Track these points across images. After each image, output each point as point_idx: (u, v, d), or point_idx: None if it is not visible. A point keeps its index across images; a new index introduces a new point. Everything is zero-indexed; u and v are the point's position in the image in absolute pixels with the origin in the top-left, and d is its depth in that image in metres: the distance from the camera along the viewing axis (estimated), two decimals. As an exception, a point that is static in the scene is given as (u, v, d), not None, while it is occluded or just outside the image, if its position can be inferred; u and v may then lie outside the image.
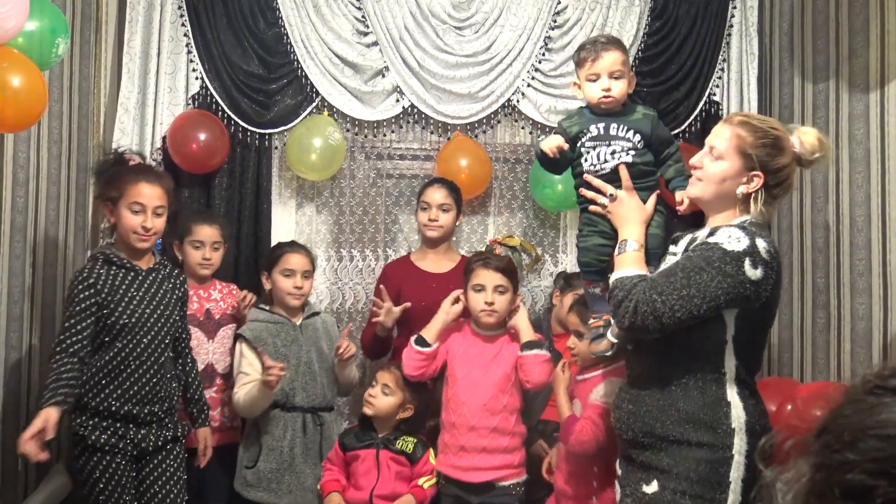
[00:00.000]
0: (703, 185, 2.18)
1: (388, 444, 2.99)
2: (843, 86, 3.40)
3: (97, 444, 2.70)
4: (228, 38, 3.81)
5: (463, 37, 3.94)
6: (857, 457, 0.49)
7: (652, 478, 2.12)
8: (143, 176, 2.84)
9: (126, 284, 2.77)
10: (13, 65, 2.65)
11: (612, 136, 2.39)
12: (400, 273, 3.48)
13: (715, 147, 2.15)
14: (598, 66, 2.38)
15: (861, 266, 3.24)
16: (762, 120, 2.17)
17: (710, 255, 2.03)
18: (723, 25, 4.00)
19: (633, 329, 2.09)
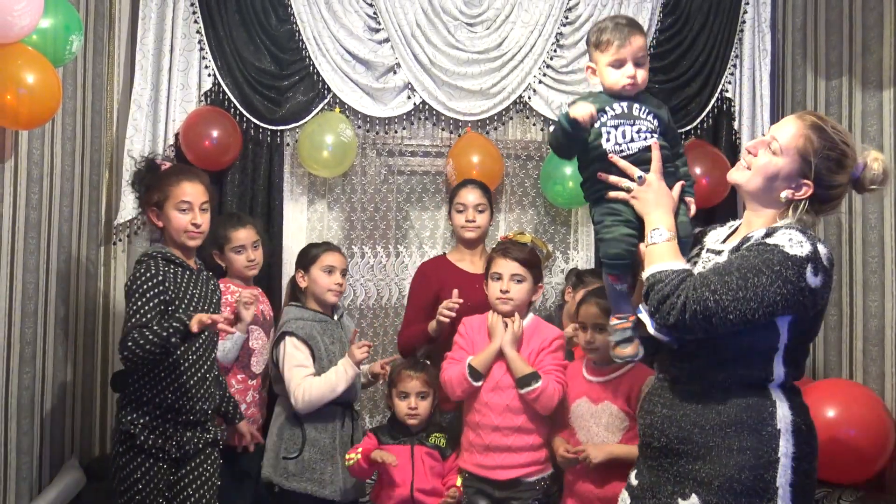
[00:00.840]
0: (751, 174, 2.04)
1: (422, 441, 3.01)
2: (856, 82, 3.39)
3: (144, 445, 2.70)
4: (241, 35, 3.82)
5: (474, 33, 3.94)
6: None
7: (689, 491, 1.97)
8: (183, 175, 2.86)
9: (185, 282, 2.78)
10: (28, 62, 2.67)
11: (637, 116, 2.22)
12: (440, 273, 3.44)
13: (777, 140, 2.00)
14: (625, 51, 2.20)
15: (874, 263, 3.23)
16: (837, 130, 1.99)
17: (771, 258, 1.89)
18: (735, 21, 3.99)
19: (678, 328, 1.94)
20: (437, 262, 3.53)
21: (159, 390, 2.71)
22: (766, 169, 2.01)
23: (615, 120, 2.21)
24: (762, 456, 1.91)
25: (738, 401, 1.96)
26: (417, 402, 3.00)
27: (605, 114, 2.21)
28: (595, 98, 2.25)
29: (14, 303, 3.00)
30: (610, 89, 2.25)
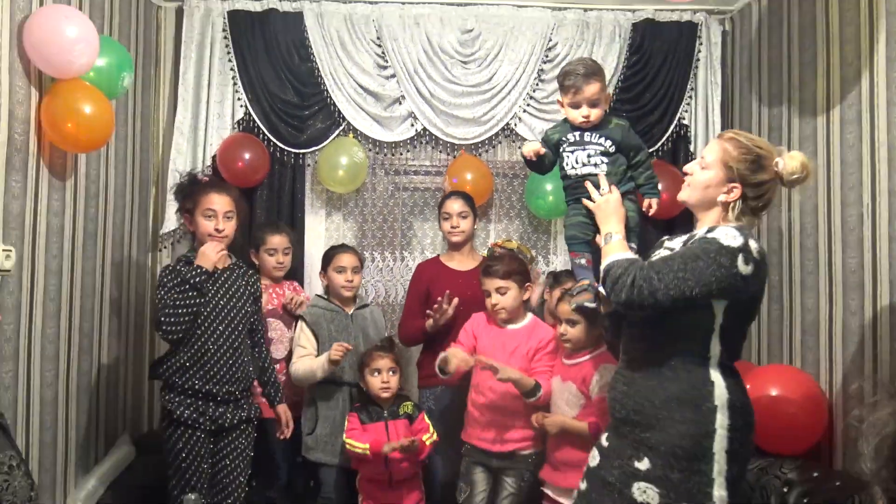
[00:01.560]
0: (689, 190, 2.15)
1: (394, 415, 3.01)
2: (794, 111, 3.39)
3: (181, 418, 2.72)
4: (268, 71, 3.83)
5: (468, 69, 3.94)
6: None
7: (643, 455, 2.02)
8: (212, 187, 2.89)
9: (202, 283, 2.78)
10: (85, 95, 2.68)
11: (587, 142, 2.42)
12: (431, 272, 3.47)
13: (704, 157, 2.12)
14: (580, 97, 2.39)
15: (810, 265, 3.23)
16: (750, 139, 2.09)
17: (708, 247, 1.96)
18: (691, 59, 3.99)
19: (629, 303, 2.01)
20: (430, 263, 3.55)
21: (188, 377, 2.73)
22: (699, 182, 2.12)
23: (571, 147, 2.45)
24: (701, 427, 1.96)
25: (682, 380, 2.01)
26: (389, 377, 3.00)
27: (566, 141, 2.47)
28: (561, 127, 2.51)
29: (74, 301, 3.00)
30: (571, 123, 2.46)
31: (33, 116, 2.62)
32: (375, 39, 3.88)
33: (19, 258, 2.56)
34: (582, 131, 2.43)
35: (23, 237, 2.59)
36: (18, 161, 2.54)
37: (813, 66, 3.24)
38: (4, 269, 2.45)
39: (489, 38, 3.94)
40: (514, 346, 2.92)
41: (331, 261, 3.29)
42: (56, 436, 2.88)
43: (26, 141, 2.58)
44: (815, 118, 3.22)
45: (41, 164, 2.70)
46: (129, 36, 3.50)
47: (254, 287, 2.97)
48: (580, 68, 2.40)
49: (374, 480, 2.97)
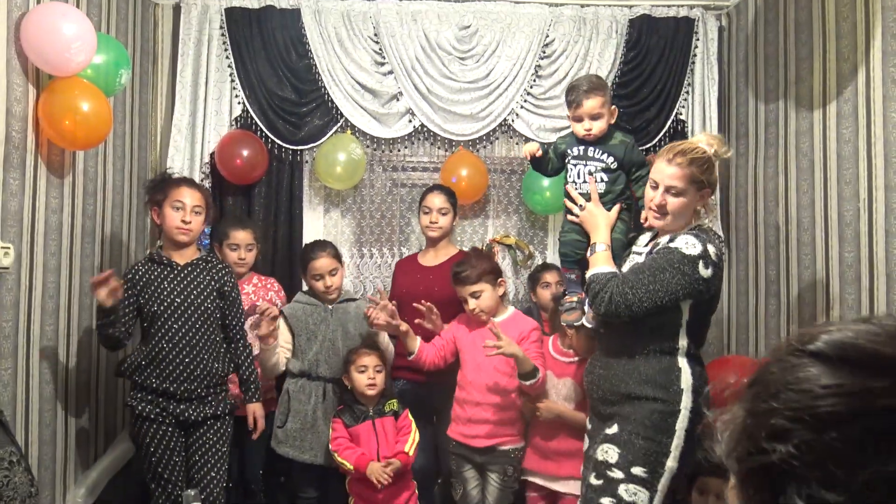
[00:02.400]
0: (672, 219, 2.27)
1: (380, 413, 3.01)
2: (791, 106, 3.40)
3: (143, 413, 2.73)
4: (266, 68, 3.82)
5: (465, 66, 3.94)
6: (779, 405, 0.51)
7: (614, 422, 2.27)
8: (183, 182, 2.91)
9: (161, 278, 2.79)
10: (83, 92, 2.68)
11: (590, 157, 2.55)
12: (404, 267, 3.51)
13: (672, 186, 2.23)
14: (581, 111, 2.53)
15: (807, 260, 3.24)
16: (693, 147, 2.25)
17: (672, 258, 2.18)
18: (687, 55, 3.99)
19: (608, 315, 2.25)
20: (407, 259, 3.58)
21: (145, 376, 2.74)
22: (681, 209, 2.26)
23: (575, 160, 2.58)
24: (669, 405, 2.20)
25: (654, 365, 2.24)
26: (375, 375, 3.00)
27: (570, 154, 2.60)
28: (570, 138, 2.62)
29: (72, 298, 3.00)
30: (576, 135, 2.59)
31: (31, 114, 2.62)
32: (373, 36, 3.88)
33: (18, 255, 2.56)
34: (586, 145, 2.55)
35: (21, 234, 2.59)
36: (16, 158, 2.53)
37: (809, 61, 3.25)
38: (3, 266, 2.45)
39: (486, 35, 3.94)
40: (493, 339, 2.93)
41: (306, 267, 3.24)
42: (55, 432, 2.88)
43: (24, 138, 2.58)
44: (811, 113, 3.23)
45: (39, 162, 2.69)
46: (127, 33, 3.49)
47: (221, 282, 2.88)
48: (583, 84, 2.55)
49: (364, 481, 2.95)
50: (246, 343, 2.98)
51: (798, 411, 0.49)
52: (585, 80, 2.59)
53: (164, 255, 2.83)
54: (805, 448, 0.47)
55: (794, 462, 0.47)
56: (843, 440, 0.45)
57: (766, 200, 3.58)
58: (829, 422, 0.47)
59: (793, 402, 0.50)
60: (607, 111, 2.54)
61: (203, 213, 2.86)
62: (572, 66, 3.96)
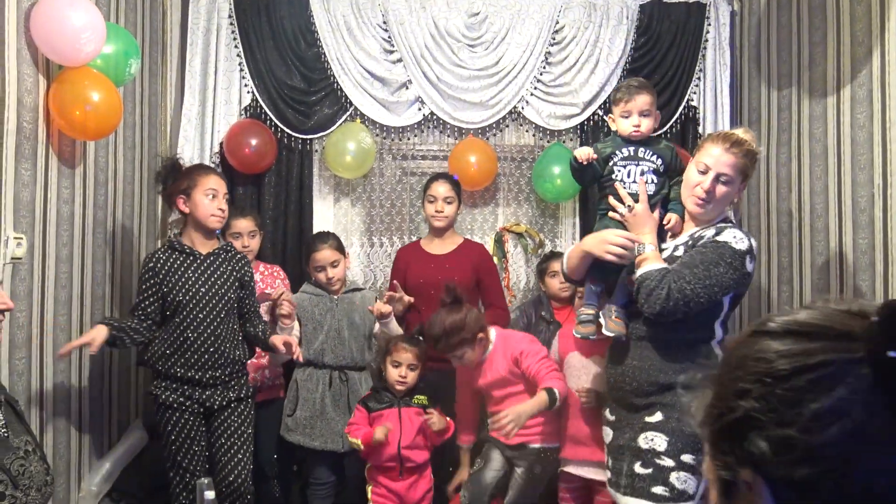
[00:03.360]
0: (713, 207, 2.26)
1: (407, 403, 2.99)
2: (804, 91, 3.37)
3: (167, 402, 2.75)
4: (274, 57, 3.82)
5: (475, 53, 3.93)
6: (741, 373, 0.66)
7: (655, 410, 2.23)
8: (210, 169, 2.96)
9: (184, 267, 2.80)
10: (93, 82, 2.68)
11: (641, 158, 2.48)
12: (409, 256, 3.50)
13: (724, 174, 2.21)
14: (631, 105, 2.48)
15: (820, 246, 3.22)
16: (746, 140, 2.22)
17: (723, 252, 2.14)
18: (699, 40, 3.96)
19: (664, 313, 2.15)
20: (410, 247, 3.58)
21: (170, 365, 2.76)
22: (725, 197, 2.25)
23: (624, 161, 2.49)
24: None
25: (692, 354, 2.22)
26: (407, 373, 2.98)
27: (617, 155, 2.50)
28: (612, 141, 2.54)
29: (85, 288, 3.01)
30: (621, 134, 2.52)
31: (42, 104, 2.62)
32: (382, 24, 3.87)
33: (30, 246, 2.57)
34: (636, 146, 2.49)
35: (33, 225, 2.60)
36: (28, 149, 2.54)
37: (823, 45, 3.21)
38: (16, 256, 2.46)
39: (496, 21, 3.92)
40: (490, 374, 2.89)
41: (308, 260, 3.31)
42: (69, 421, 2.90)
43: (35, 129, 2.59)
44: (824, 98, 3.20)
45: (50, 152, 2.70)
46: (136, 22, 3.49)
47: (241, 271, 2.92)
48: (633, 81, 2.56)
49: (383, 468, 2.95)
50: (261, 317, 3.02)
51: (757, 374, 0.64)
52: (634, 80, 2.60)
53: (185, 244, 2.84)
54: (763, 400, 0.62)
55: (754, 413, 0.62)
56: (792, 389, 0.61)
57: (779, 187, 3.55)
58: (780, 378, 0.62)
59: (752, 368, 0.65)
60: (654, 113, 2.53)
61: (228, 202, 2.93)
62: (582, 53, 3.93)
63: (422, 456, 2.96)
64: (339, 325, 3.24)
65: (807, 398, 0.59)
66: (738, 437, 0.63)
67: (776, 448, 0.60)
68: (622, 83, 2.64)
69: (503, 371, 2.86)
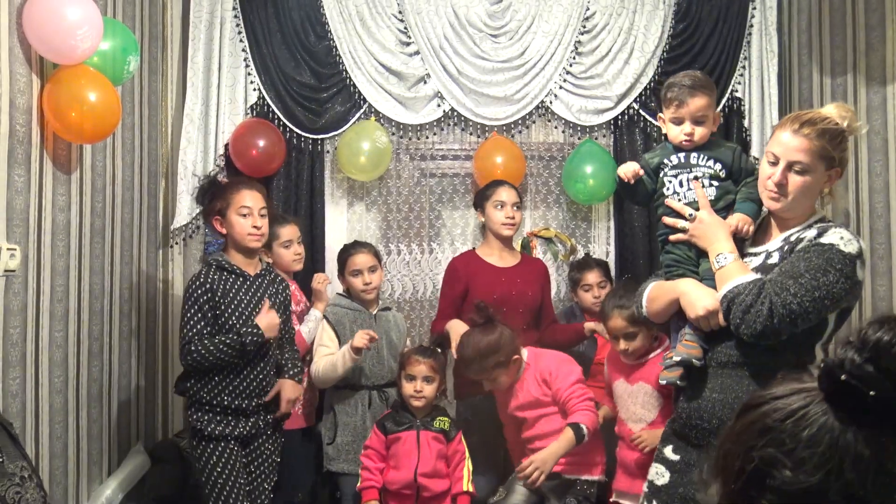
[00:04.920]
0: (792, 201, 2.02)
1: (427, 426, 2.98)
2: (860, 79, 3.33)
3: (212, 434, 2.76)
4: (282, 51, 3.84)
5: (498, 44, 3.92)
6: (747, 435, 0.92)
7: None
8: (243, 185, 2.94)
9: (236, 288, 2.83)
10: (90, 81, 2.70)
11: (693, 164, 2.29)
12: (470, 267, 3.41)
13: (797, 162, 1.98)
14: (683, 111, 2.28)
15: (881, 250, 3.17)
16: (824, 118, 1.99)
17: (832, 258, 1.91)
18: (743, 25, 3.93)
19: (766, 333, 1.93)
20: (467, 257, 3.50)
21: (216, 394, 2.78)
22: (803, 189, 2.00)
23: (674, 170, 2.30)
24: None
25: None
26: (423, 386, 2.98)
27: (667, 164, 2.32)
28: (661, 150, 2.36)
29: (82, 302, 3.04)
30: (672, 141, 2.32)
31: (35, 105, 2.65)
32: (397, 14, 3.88)
33: (24, 257, 2.59)
34: (687, 153, 2.30)
35: (27, 235, 2.63)
36: (21, 154, 2.57)
37: (881, 28, 3.17)
38: (10, 269, 2.49)
39: (520, 9, 3.92)
40: (522, 396, 2.90)
41: (345, 265, 3.33)
42: (67, 445, 2.93)
43: (28, 132, 2.62)
44: (884, 87, 3.16)
45: (45, 157, 2.73)
46: (134, 17, 3.53)
47: (283, 294, 2.99)
48: (686, 79, 2.30)
49: (398, 495, 2.95)
50: (297, 350, 3.10)
51: (761, 429, 0.90)
52: (689, 76, 2.33)
53: (235, 265, 2.87)
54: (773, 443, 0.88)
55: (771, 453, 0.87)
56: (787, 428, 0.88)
57: (834, 184, 3.51)
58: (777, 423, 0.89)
59: (755, 427, 0.91)
60: (712, 115, 2.31)
61: (267, 213, 2.92)
62: (615, 42, 3.92)
63: (441, 485, 2.94)
64: (380, 344, 3.23)
65: (799, 430, 0.86)
66: (759, 482, 0.87)
67: (794, 470, 0.85)
68: (673, 78, 2.35)
69: (535, 393, 2.87)
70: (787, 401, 0.90)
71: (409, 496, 2.93)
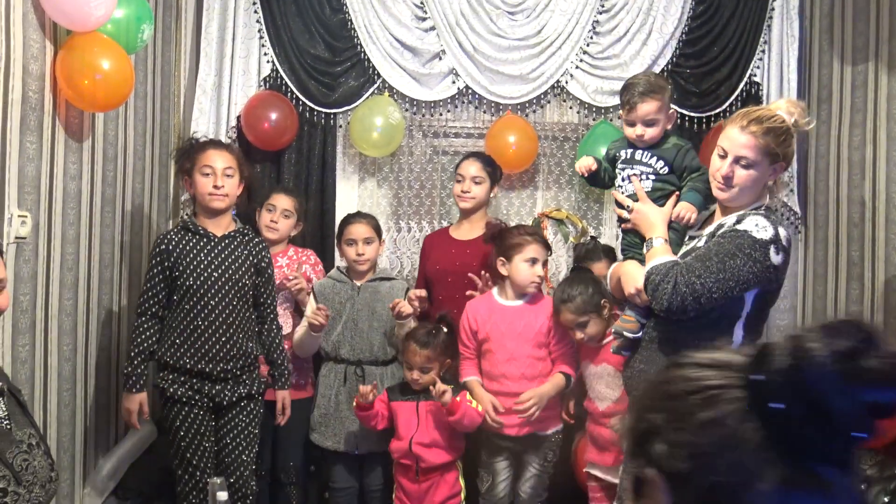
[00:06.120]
0: (738, 193, 2.21)
1: (427, 397, 3.01)
2: (881, 67, 3.28)
3: (176, 396, 2.78)
4: (297, 24, 3.81)
5: (515, 21, 3.88)
6: (652, 395, 0.90)
7: None
8: (209, 144, 2.94)
9: (197, 249, 2.82)
10: (103, 49, 2.69)
11: (636, 161, 2.57)
12: (435, 241, 3.53)
13: (744, 157, 2.16)
14: (634, 115, 2.54)
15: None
16: (770, 115, 2.16)
17: (742, 243, 2.10)
18: (764, 8, 3.88)
19: (671, 310, 2.13)
20: (438, 232, 3.61)
21: (179, 356, 2.77)
22: (749, 182, 2.18)
23: (622, 164, 2.63)
24: None
25: None
26: (420, 375, 3.01)
27: (619, 157, 2.65)
28: (620, 142, 2.70)
29: (92, 271, 3.04)
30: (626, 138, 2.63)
31: (48, 72, 2.64)
32: (413, -12, 3.84)
33: (35, 225, 2.59)
34: (634, 150, 2.59)
35: (38, 203, 2.63)
36: (33, 121, 2.56)
37: (906, 15, 3.13)
38: (20, 235, 2.49)
39: (539, -13, 3.88)
40: (522, 325, 3.00)
41: (342, 234, 3.33)
42: (75, 413, 2.94)
43: (41, 99, 2.61)
44: (906, 75, 3.12)
45: (57, 124, 2.72)
46: (149, -15, 3.50)
47: (258, 257, 2.93)
48: (640, 84, 2.54)
49: (402, 467, 3.03)
50: (278, 325, 3.04)
51: (662, 395, 0.87)
52: (643, 80, 2.58)
53: (200, 225, 2.86)
54: (665, 413, 0.85)
55: (658, 423, 0.85)
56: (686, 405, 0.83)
57: (851, 173, 3.47)
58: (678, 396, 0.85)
59: (659, 391, 0.89)
60: (664, 116, 2.55)
61: (236, 174, 2.89)
62: (633, 22, 3.87)
63: (440, 456, 2.98)
64: (358, 316, 3.24)
65: (698, 410, 0.81)
66: (645, 443, 0.85)
67: (670, 447, 0.82)
68: (630, 80, 2.61)
69: (535, 326, 3.03)
70: (704, 373, 0.85)
71: (410, 467, 3.00)
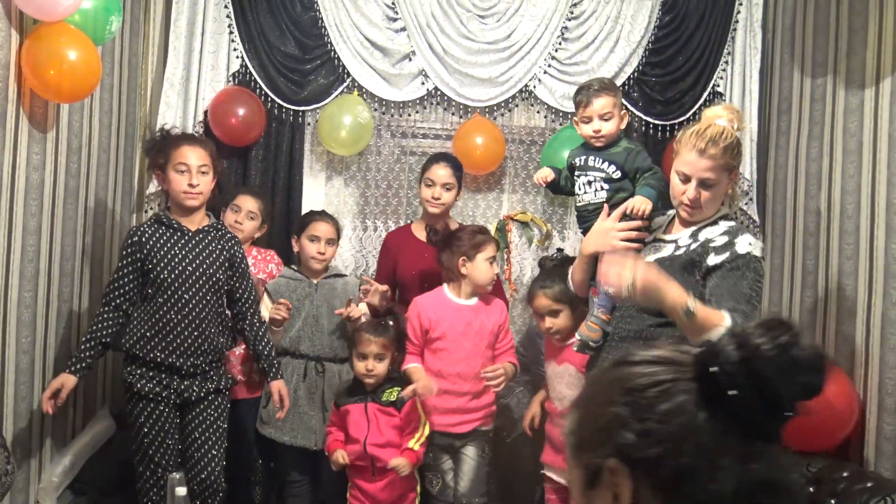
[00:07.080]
0: (705, 209, 2.30)
1: (375, 398, 3.02)
2: (839, 81, 3.37)
3: (142, 391, 2.75)
4: (267, 20, 3.81)
5: (485, 25, 3.91)
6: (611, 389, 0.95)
7: None
8: (184, 140, 2.91)
9: (171, 244, 2.80)
10: (70, 40, 2.67)
11: (590, 167, 2.60)
12: (399, 242, 3.52)
13: (707, 179, 2.24)
14: (590, 111, 2.58)
15: (849, 250, 3.23)
16: (721, 133, 2.23)
17: (756, 267, 2.22)
18: (729, 21, 3.95)
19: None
20: (399, 232, 3.60)
21: (149, 349, 2.75)
22: (713, 199, 2.29)
23: (578, 171, 2.66)
24: None
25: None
26: (374, 365, 3.01)
27: (575, 165, 2.67)
28: (577, 150, 2.71)
29: (53, 263, 3.01)
30: (585, 139, 2.66)
31: (13, 61, 2.61)
32: (385, -11, 3.85)
33: (-4, 215, 2.56)
34: (586, 156, 2.62)
35: (0, 193, 2.60)
36: (-3, 110, 2.53)
37: (863, 32, 3.21)
38: (-20, 226, 2.46)
39: (509, -9, 3.91)
40: (478, 324, 3.09)
41: (305, 227, 3.33)
42: (32, 407, 2.91)
43: (5, 88, 2.58)
44: (862, 90, 3.20)
45: (21, 114, 2.69)
46: (117, -24, 3.47)
47: (231, 252, 2.93)
48: (594, 83, 2.63)
49: (357, 468, 3.02)
50: (260, 317, 3.04)
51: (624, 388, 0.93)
52: (597, 80, 2.69)
53: (174, 219, 2.84)
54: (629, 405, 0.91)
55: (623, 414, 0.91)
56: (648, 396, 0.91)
57: (808, 184, 3.56)
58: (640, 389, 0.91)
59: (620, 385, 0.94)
60: (618, 114, 2.60)
61: (210, 171, 2.88)
62: (602, 29, 3.93)
63: (395, 455, 2.96)
64: (318, 312, 3.26)
65: (658, 402, 0.89)
66: (609, 435, 0.91)
67: (638, 436, 0.89)
68: (584, 84, 2.70)
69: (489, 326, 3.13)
70: (655, 368, 0.93)
71: (366, 468, 3.00)
